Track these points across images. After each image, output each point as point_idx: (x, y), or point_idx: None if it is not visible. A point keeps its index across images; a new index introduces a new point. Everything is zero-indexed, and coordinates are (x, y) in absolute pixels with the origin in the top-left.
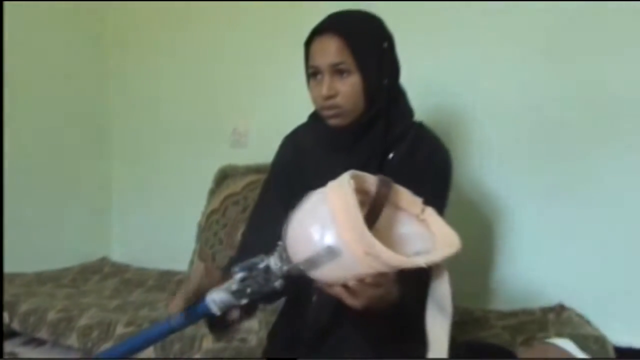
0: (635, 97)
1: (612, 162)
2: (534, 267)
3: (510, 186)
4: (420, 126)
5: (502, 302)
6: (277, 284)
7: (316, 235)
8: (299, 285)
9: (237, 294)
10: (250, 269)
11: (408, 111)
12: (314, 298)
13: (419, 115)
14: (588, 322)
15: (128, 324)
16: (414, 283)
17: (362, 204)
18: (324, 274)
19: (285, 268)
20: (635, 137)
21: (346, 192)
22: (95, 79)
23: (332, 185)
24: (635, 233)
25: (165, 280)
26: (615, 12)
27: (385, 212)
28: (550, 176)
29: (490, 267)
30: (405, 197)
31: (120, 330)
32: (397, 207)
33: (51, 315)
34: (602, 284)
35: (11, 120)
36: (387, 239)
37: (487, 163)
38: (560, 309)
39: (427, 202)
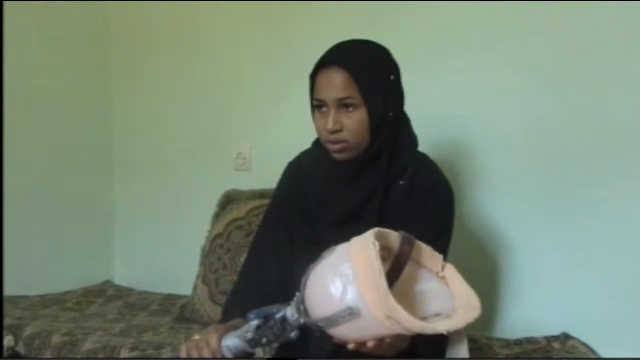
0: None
1: (616, 192)
2: (539, 296)
3: (514, 216)
4: (423, 158)
5: (506, 331)
6: (293, 335)
7: (337, 294)
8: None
9: (252, 342)
10: (267, 317)
11: (412, 140)
12: None
13: (419, 146)
14: (593, 351)
15: (132, 348)
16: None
17: (383, 259)
18: (342, 332)
19: (302, 321)
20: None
21: (371, 253)
22: (99, 102)
23: (356, 242)
24: (639, 261)
25: (169, 304)
26: (619, 40)
27: (406, 269)
28: (553, 205)
29: (494, 296)
30: (426, 254)
31: (124, 354)
32: (418, 264)
33: (56, 339)
34: (606, 312)
35: (13, 142)
36: (407, 295)
37: (490, 193)
38: (564, 338)
39: (431, 238)
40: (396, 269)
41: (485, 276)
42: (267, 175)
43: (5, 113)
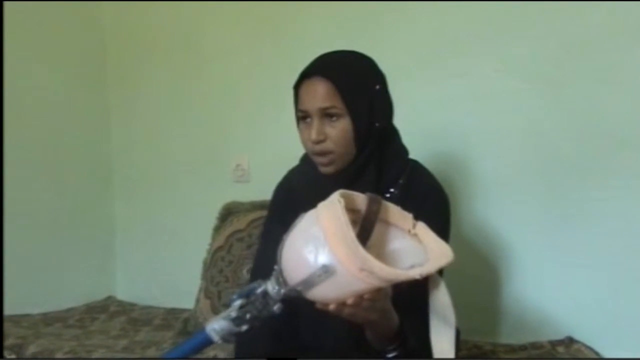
0: (637, 127)
1: (616, 192)
2: (542, 301)
3: (512, 219)
4: (415, 165)
5: (510, 336)
6: (276, 308)
7: (310, 256)
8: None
9: (237, 320)
10: (248, 295)
11: (402, 150)
12: None
13: (415, 152)
14: (597, 354)
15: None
16: (416, 318)
17: (353, 222)
18: (320, 293)
19: (282, 291)
20: (638, 166)
21: (337, 210)
22: (96, 115)
23: (323, 205)
24: None
25: (172, 318)
26: (612, 41)
27: (377, 229)
28: (552, 208)
29: (497, 301)
30: (395, 213)
31: None
32: (388, 223)
33: (59, 357)
34: (610, 315)
35: (11, 158)
36: (380, 255)
37: (488, 197)
38: (569, 341)
39: None
40: (365, 228)
41: (488, 282)
42: (266, 186)
43: (4, 130)
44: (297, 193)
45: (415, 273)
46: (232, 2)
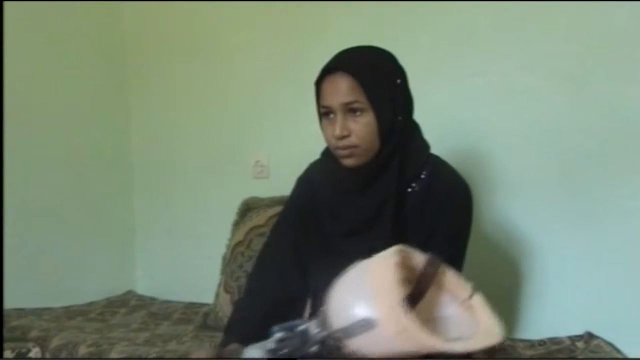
0: None
1: (636, 189)
2: (562, 296)
3: (534, 216)
4: (437, 160)
5: (530, 331)
6: (314, 349)
7: (353, 305)
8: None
9: (272, 352)
10: (290, 329)
11: (423, 145)
12: None
13: (435, 149)
14: (617, 350)
15: (158, 357)
16: None
17: (407, 280)
18: (359, 344)
19: (323, 334)
20: None
21: (389, 266)
22: (117, 113)
23: (378, 257)
24: None
25: (192, 312)
26: (635, 38)
27: (431, 292)
28: (573, 205)
29: (517, 297)
30: (453, 280)
31: None
32: (444, 289)
33: (82, 350)
34: (630, 311)
35: (34, 156)
36: (429, 320)
37: (509, 194)
38: (588, 337)
39: (449, 240)
40: (419, 289)
41: (508, 278)
42: (285, 182)
43: (24, 128)
44: (318, 186)
45: (458, 347)
46: (251, 1)
